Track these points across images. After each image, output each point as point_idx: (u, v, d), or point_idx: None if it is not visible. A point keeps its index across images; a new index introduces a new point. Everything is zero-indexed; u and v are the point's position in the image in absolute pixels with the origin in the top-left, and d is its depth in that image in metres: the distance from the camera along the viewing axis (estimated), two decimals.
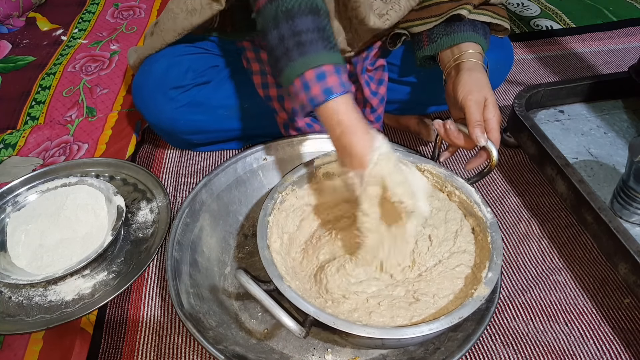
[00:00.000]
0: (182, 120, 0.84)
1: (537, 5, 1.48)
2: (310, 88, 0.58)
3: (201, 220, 0.76)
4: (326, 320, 0.51)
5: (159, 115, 0.84)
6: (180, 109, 0.83)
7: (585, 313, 0.71)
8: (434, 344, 0.62)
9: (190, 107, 0.83)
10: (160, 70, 0.81)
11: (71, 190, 0.82)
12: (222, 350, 0.59)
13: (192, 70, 0.82)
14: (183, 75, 0.81)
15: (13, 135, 0.99)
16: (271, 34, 0.60)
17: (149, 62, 0.83)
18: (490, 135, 0.65)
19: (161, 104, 0.82)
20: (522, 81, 1.17)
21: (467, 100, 0.66)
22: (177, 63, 0.81)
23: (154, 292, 0.74)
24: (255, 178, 0.82)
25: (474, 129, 0.65)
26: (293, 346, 0.65)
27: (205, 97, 0.83)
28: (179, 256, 0.70)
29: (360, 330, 0.51)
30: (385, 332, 0.52)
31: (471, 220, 0.66)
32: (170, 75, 0.81)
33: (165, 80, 0.81)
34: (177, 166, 0.95)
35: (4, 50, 1.25)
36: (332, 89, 0.57)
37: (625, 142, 0.94)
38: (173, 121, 0.84)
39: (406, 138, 1.01)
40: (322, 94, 0.58)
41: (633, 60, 1.06)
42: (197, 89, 0.83)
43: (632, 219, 0.79)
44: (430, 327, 0.52)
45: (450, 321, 0.52)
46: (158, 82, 0.81)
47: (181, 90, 0.82)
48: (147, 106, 0.84)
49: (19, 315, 0.68)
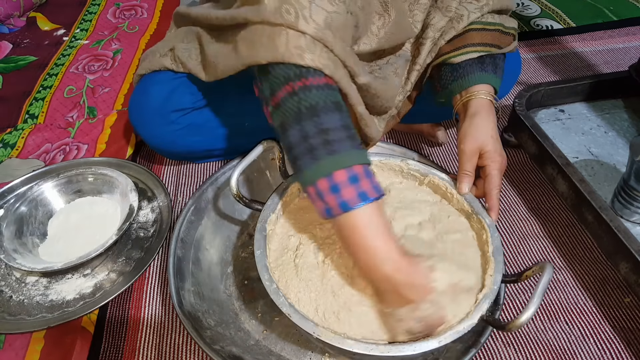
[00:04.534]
0: (180, 142, 0.82)
1: (538, 4, 1.48)
2: (342, 191, 0.51)
3: (206, 218, 0.76)
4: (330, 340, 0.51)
5: (156, 137, 0.81)
6: (179, 131, 0.80)
7: (586, 312, 0.71)
8: (433, 354, 0.62)
9: (189, 129, 0.80)
10: (161, 93, 0.78)
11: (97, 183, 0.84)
12: (218, 351, 0.59)
13: (193, 93, 0.79)
14: (184, 98, 0.78)
15: (12, 135, 0.99)
16: (292, 129, 0.53)
17: (149, 82, 0.79)
18: (487, 199, 0.64)
19: (159, 127, 0.79)
20: (522, 81, 1.17)
21: (459, 149, 0.66)
22: (178, 86, 0.78)
23: (155, 292, 0.74)
24: (262, 177, 0.82)
25: (460, 179, 0.65)
26: (291, 348, 0.65)
27: (204, 119, 0.81)
28: (182, 254, 0.70)
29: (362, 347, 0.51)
30: (388, 350, 0.51)
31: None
32: (172, 99, 0.78)
33: (166, 103, 0.78)
34: (178, 166, 0.95)
35: (4, 50, 1.25)
36: (367, 193, 0.51)
37: (625, 141, 0.94)
38: (171, 143, 0.82)
39: (418, 142, 1.01)
40: (357, 198, 0.51)
41: (633, 59, 1.06)
42: (197, 112, 0.80)
43: (632, 218, 0.79)
44: (440, 339, 0.51)
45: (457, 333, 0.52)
46: (158, 105, 0.78)
47: (181, 113, 0.79)
48: (144, 127, 0.81)
49: (20, 315, 0.68)
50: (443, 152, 0.98)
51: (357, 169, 0.52)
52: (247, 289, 0.72)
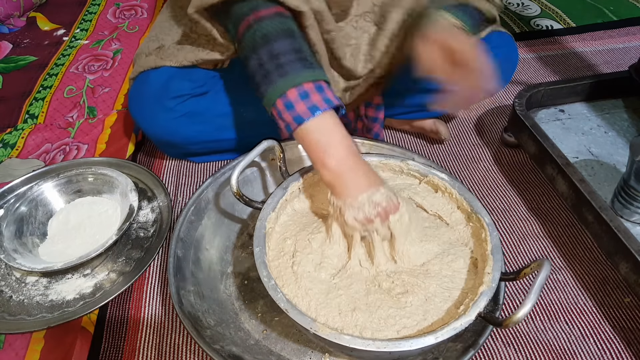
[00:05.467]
0: (179, 130, 0.83)
1: (538, 4, 1.48)
2: (295, 106, 0.57)
3: (206, 218, 0.76)
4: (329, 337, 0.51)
5: (155, 126, 0.82)
6: (178, 119, 0.81)
7: (586, 312, 0.71)
8: (433, 353, 0.62)
9: (188, 117, 0.81)
10: (159, 80, 0.79)
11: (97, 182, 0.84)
12: (218, 351, 0.59)
13: (192, 80, 0.81)
14: (182, 85, 0.80)
15: (12, 135, 0.99)
16: (251, 59, 0.60)
17: (148, 70, 0.81)
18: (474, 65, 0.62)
19: (159, 114, 0.80)
20: (522, 80, 1.17)
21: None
22: (176, 73, 0.80)
23: (155, 292, 0.74)
24: (262, 177, 0.82)
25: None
26: (291, 348, 0.65)
27: (204, 107, 0.82)
28: (182, 254, 0.70)
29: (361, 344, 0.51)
30: (389, 345, 0.51)
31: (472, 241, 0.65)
32: (170, 86, 0.79)
33: (164, 90, 0.79)
34: (178, 166, 0.95)
35: (4, 50, 1.25)
36: (317, 105, 0.57)
37: (625, 141, 0.94)
38: (170, 131, 0.83)
39: (419, 142, 1.01)
40: (308, 111, 0.57)
41: (633, 59, 1.06)
42: (196, 99, 0.81)
43: (632, 218, 0.79)
44: (437, 335, 0.51)
45: (454, 329, 0.51)
46: (157, 92, 0.79)
47: (180, 100, 0.80)
48: (144, 116, 0.82)
49: (20, 315, 0.68)
50: (444, 152, 0.98)
51: (307, 86, 0.57)
52: (247, 288, 0.72)
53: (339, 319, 0.55)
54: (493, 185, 0.91)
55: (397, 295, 0.57)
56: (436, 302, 0.57)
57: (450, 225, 0.66)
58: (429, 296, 0.57)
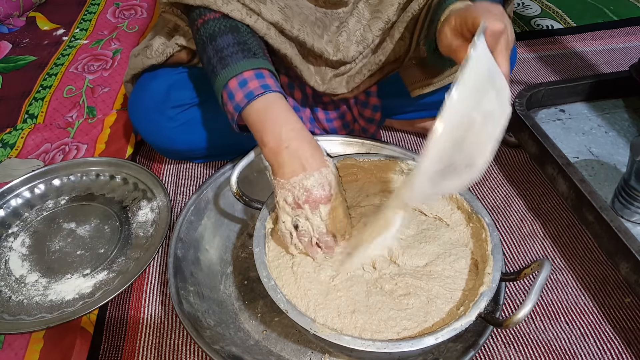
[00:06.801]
0: (180, 138, 0.83)
1: (538, 4, 1.48)
2: (235, 96, 0.60)
3: (206, 218, 0.76)
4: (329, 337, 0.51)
5: (156, 134, 0.82)
6: (178, 128, 0.81)
7: (586, 312, 0.71)
8: (433, 353, 0.62)
9: (188, 125, 0.81)
10: (160, 89, 0.79)
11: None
12: (218, 351, 0.59)
13: (191, 88, 0.80)
14: (183, 94, 0.80)
15: (12, 135, 0.99)
16: (203, 57, 0.64)
17: (148, 78, 0.80)
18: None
19: (160, 123, 0.80)
20: (522, 80, 1.17)
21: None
22: (176, 81, 0.79)
23: (154, 292, 0.74)
24: (262, 177, 0.82)
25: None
26: (290, 349, 0.65)
27: (204, 115, 0.82)
28: (182, 254, 0.70)
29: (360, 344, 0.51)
30: (389, 346, 0.51)
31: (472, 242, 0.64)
32: (170, 95, 0.79)
33: (165, 100, 0.79)
34: (177, 166, 0.95)
35: (4, 50, 1.25)
36: (253, 92, 0.59)
37: (626, 141, 0.93)
38: (171, 140, 0.83)
39: (420, 142, 1.01)
40: (244, 99, 0.59)
41: (634, 59, 1.06)
42: (195, 108, 0.81)
43: (633, 218, 0.79)
44: (437, 336, 0.51)
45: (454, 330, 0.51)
46: (157, 102, 0.79)
47: (180, 109, 0.80)
48: (145, 125, 0.82)
49: (19, 315, 0.68)
50: None
51: (247, 74, 0.60)
52: (247, 289, 0.72)
53: (338, 320, 0.55)
54: (493, 185, 0.91)
55: (399, 297, 0.57)
56: (438, 304, 0.57)
57: (451, 225, 0.66)
58: (431, 298, 0.57)
